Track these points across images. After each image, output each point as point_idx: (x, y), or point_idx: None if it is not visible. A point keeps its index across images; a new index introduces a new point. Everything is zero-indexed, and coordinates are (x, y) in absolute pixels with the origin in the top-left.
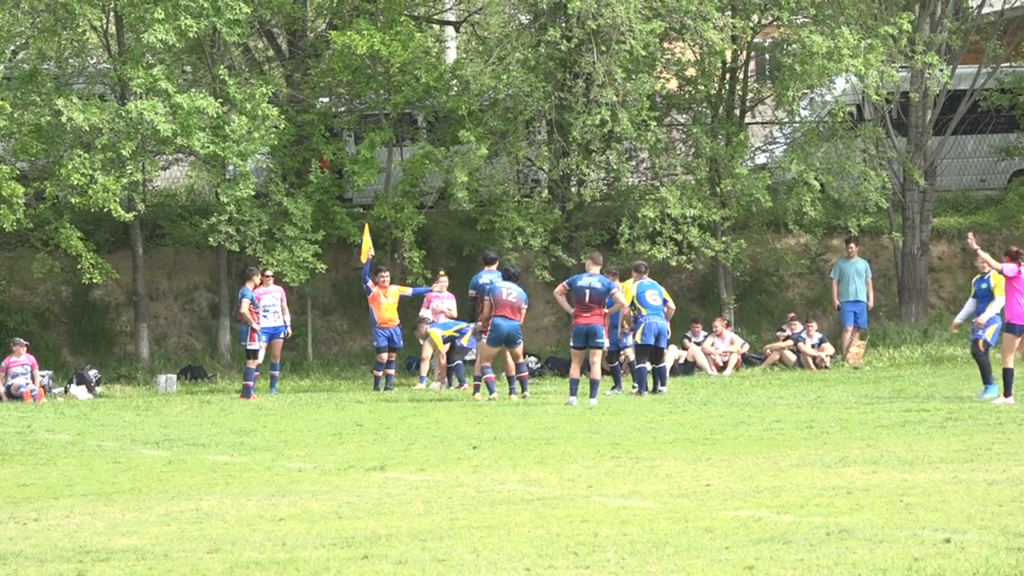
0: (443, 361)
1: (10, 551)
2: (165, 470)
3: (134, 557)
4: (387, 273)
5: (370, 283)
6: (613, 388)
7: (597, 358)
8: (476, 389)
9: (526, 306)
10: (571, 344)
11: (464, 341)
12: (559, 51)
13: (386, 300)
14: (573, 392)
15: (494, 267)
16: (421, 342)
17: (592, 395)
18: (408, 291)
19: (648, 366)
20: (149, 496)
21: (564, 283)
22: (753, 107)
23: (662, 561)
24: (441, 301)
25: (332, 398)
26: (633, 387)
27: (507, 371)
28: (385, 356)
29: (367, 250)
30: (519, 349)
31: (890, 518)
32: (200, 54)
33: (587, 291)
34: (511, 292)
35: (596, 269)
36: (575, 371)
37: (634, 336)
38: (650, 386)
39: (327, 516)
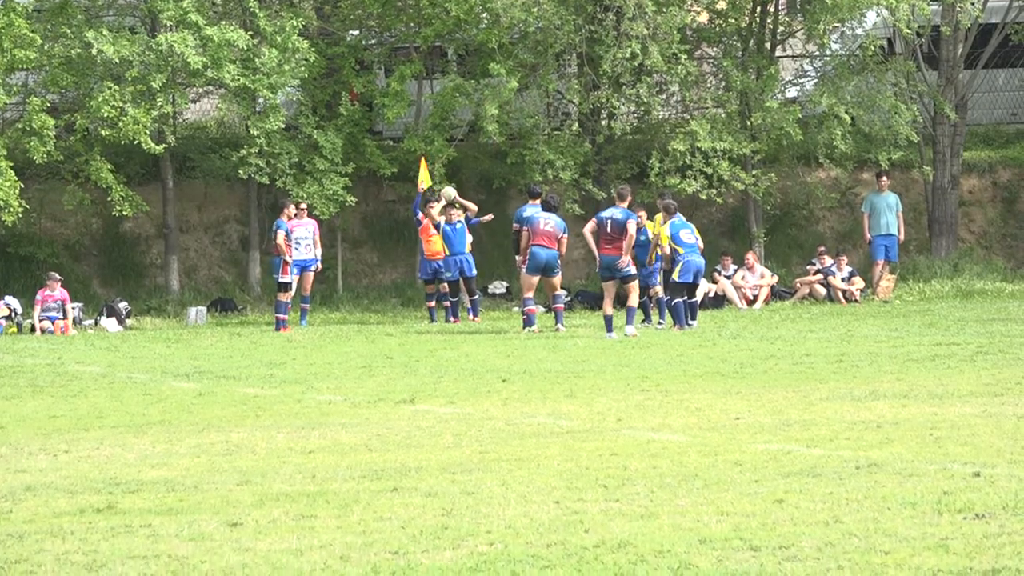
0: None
1: (41, 482)
2: (195, 402)
3: (164, 489)
4: (436, 205)
5: (420, 215)
6: (643, 322)
7: (632, 288)
8: (527, 323)
9: (565, 235)
10: (601, 278)
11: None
12: None
13: (435, 232)
14: (610, 328)
15: (539, 201)
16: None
17: (629, 321)
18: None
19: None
20: (179, 428)
21: (593, 219)
22: (784, 40)
23: (691, 494)
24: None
25: (362, 331)
26: (660, 323)
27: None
28: (432, 288)
29: (423, 180)
30: (556, 280)
31: (920, 452)
32: None
33: (608, 221)
34: (548, 221)
35: (623, 204)
36: (608, 306)
37: (672, 274)
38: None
39: (357, 448)
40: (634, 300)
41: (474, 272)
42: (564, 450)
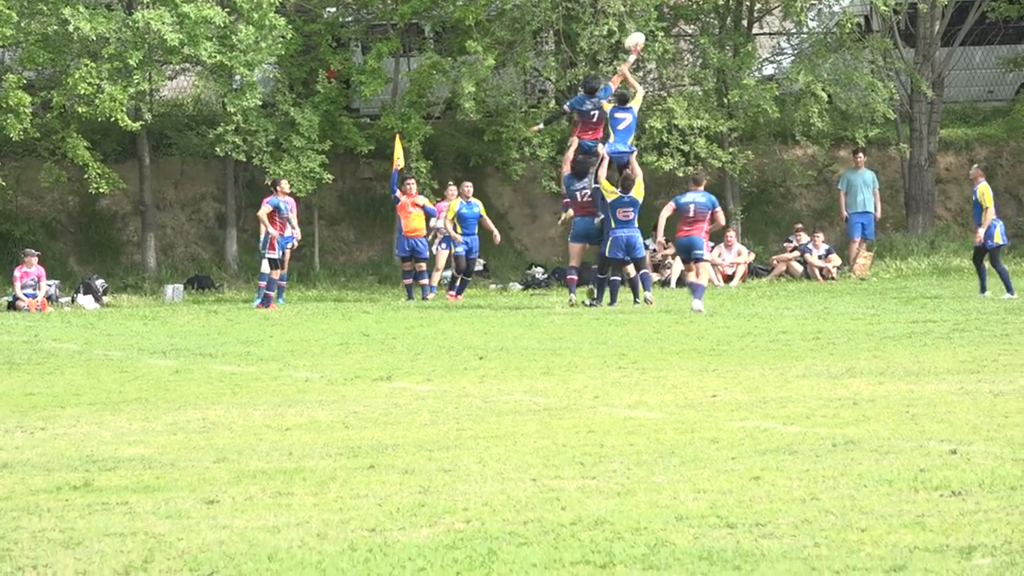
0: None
1: (17, 460)
2: (172, 380)
3: (141, 466)
4: (413, 181)
5: (398, 192)
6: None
7: (701, 268)
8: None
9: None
10: (681, 259)
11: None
12: None
13: (414, 209)
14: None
15: (595, 95)
16: (434, 251)
17: (696, 296)
18: (430, 205)
19: (619, 278)
20: (156, 406)
21: (671, 202)
22: (761, 18)
23: (668, 472)
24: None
25: (339, 308)
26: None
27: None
28: (409, 265)
29: (398, 158)
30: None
31: (896, 429)
32: None
33: (691, 206)
34: (586, 193)
35: (701, 188)
36: (691, 275)
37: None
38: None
39: (334, 426)
40: (703, 279)
41: (476, 254)
42: (541, 427)
